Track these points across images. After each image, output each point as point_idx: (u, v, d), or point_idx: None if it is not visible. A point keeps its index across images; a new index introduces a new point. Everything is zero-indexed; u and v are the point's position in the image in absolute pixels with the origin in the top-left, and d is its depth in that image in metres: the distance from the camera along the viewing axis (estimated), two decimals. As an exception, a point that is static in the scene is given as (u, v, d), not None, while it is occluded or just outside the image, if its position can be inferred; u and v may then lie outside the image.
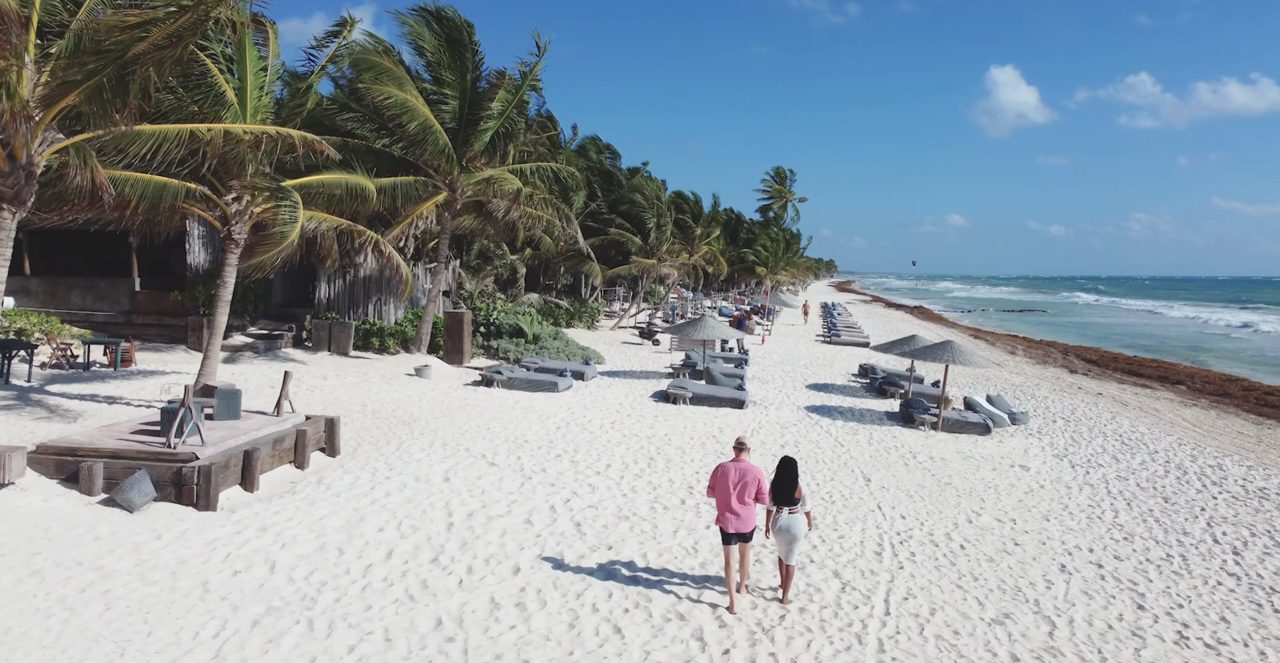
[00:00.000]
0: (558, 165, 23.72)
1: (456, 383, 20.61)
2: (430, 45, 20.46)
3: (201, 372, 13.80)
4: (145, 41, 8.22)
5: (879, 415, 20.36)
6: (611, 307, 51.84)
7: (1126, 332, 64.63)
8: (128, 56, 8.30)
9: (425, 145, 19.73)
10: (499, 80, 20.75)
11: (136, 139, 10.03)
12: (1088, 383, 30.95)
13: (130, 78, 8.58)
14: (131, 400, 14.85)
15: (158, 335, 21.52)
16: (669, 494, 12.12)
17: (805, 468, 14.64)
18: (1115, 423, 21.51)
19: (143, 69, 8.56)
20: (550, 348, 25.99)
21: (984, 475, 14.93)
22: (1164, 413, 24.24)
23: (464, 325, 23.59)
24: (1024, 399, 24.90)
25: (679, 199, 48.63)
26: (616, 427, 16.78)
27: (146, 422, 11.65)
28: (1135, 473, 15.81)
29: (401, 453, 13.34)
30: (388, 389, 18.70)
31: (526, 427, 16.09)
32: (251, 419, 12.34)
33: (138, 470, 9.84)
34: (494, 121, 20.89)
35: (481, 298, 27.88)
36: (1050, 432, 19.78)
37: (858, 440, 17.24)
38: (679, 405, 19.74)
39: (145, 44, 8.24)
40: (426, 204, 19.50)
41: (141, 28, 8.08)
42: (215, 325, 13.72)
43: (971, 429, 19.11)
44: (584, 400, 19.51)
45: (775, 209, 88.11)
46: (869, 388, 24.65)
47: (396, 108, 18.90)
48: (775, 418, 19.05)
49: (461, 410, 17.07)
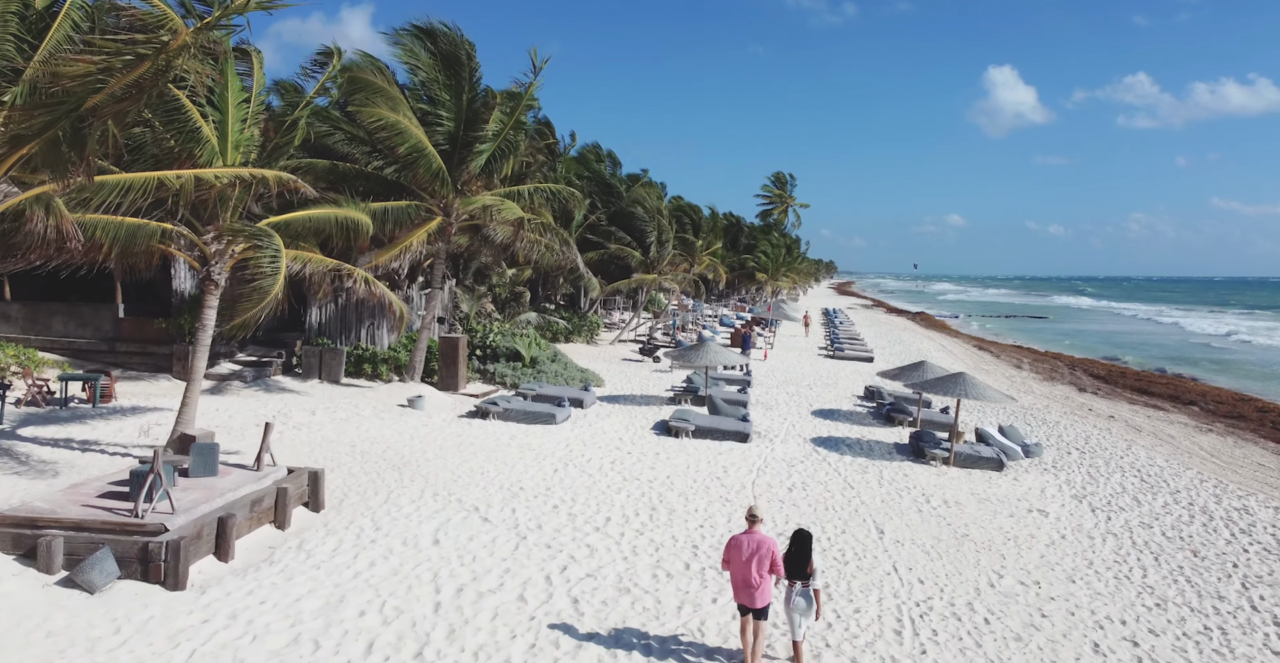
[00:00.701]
0: (557, 186, 23.01)
1: (451, 415, 19.90)
2: (425, 64, 19.75)
3: (179, 418, 13.09)
4: (103, 92, 7.52)
5: (888, 449, 19.65)
6: (611, 317, 51.18)
7: (1115, 342, 64.61)
8: (84, 108, 7.61)
9: (418, 168, 19.03)
10: (495, 100, 20.04)
11: (100, 190, 9.33)
12: (1098, 403, 30.26)
13: (88, 130, 7.89)
14: (107, 447, 14.14)
15: (142, 364, 20.81)
16: (672, 556, 11.41)
17: (815, 515, 13.96)
18: (1131, 454, 20.82)
19: (101, 121, 7.88)
20: (548, 372, 25.28)
21: (1001, 524, 14.23)
22: (1179, 441, 23.55)
23: (459, 351, 22.87)
24: (1035, 424, 24.21)
25: (679, 211, 47.92)
26: (616, 467, 16.07)
27: (115, 481, 10.94)
28: (1159, 518, 15.11)
29: (389, 506, 12.63)
30: (378, 425, 17.99)
31: (522, 469, 15.38)
32: (230, 475, 11.63)
33: (101, 547, 9.14)
34: (490, 143, 20.18)
35: (478, 318, 27.17)
36: (1066, 465, 19.08)
37: (867, 480, 16.54)
38: (681, 439, 19.03)
39: (103, 95, 7.55)
40: (419, 232, 18.80)
41: (97, 78, 7.38)
42: (193, 369, 13.01)
43: (985, 464, 18.42)
44: (582, 434, 18.79)
45: (776, 214, 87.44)
46: (876, 415, 23.95)
47: (388, 130, 18.20)
48: (781, 453, 18.34)
49: (454, 450, 16.36)
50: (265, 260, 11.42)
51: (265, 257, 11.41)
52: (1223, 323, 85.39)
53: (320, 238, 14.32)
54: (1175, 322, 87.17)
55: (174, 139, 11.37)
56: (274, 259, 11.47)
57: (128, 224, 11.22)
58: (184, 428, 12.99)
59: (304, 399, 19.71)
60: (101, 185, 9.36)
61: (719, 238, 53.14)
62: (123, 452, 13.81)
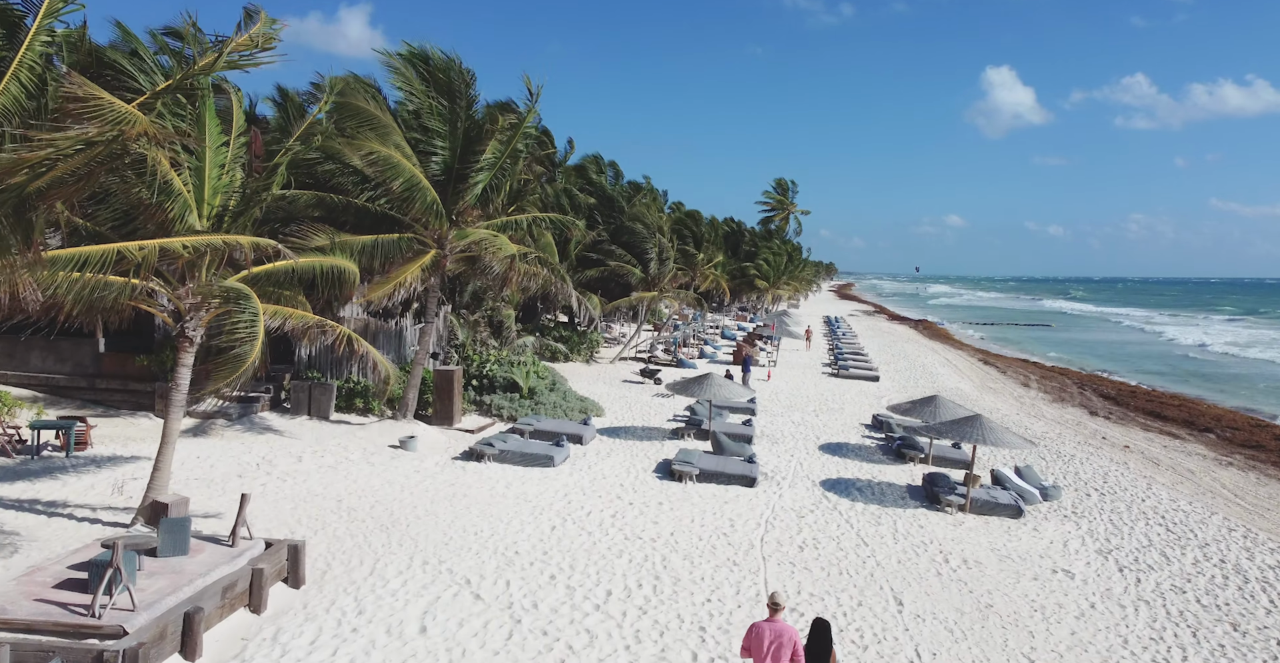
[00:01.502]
0: (555, 216, 22.19)
1: (445, 456, 19.06)
2: (419, 92, 18.92)
3: (152, 482, 12.26)
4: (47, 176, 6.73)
5: (900, 492, 18.83)
6: (612, 329, 50.33)
7: (1105, 354, 64.69)
8: (28, 192, 6.81)
9: (413, 203, 18.19)
10: (492, 127, 19.19)
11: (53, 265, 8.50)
12: (1111, 430, 29.47)
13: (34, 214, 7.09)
14: (76, 510, 13.31)
15: (123, 401, 19.99)
16: (678, 643, 10.57)
17: (828, 581, 13.14)
18: (1152, 495, 20.02)
19: (48, 204, 7.08)
20: (547, 402, 24.45)
21: (1026, 589, 13.41)
22: (1200, 477, 22.75)
23: (454, 384, 22.04)
24: (1051, 459, 23.41)
25: (680, 224, 47.07)
26: (617, 522, 15.24)
27: (76, 564, 10.09)
28: (1191, 580, 14.30)
29: (375, 579, 11.80)
30: (368, 472, 17.14)
31: (518, 526, 14.55)
32: (202, 553, 10.80)
33: (53, 658, 8.30)
34: (487, 173, 19.34)
35: (474, 346, 26.34)
36: (1086, 510, 18.28)
37: (881, 534, 15.72)
38: (685, 484, 18.20)
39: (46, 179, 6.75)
40: (412, 267, 17.97)
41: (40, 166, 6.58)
42: (167, 430, 12.18)
43: (1002, 511, 17.61)
44: (581, 480, 17.95)
45: (777, 221, 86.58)
46: (886, 450, 23.12)
47: (380, 165, 17.38)
48: (790, 500, 17.51)
49: (447, 503, 15.52)
50: (242, 326, 10.59)
51: (242, 322, 10.58)
52: (1206, 332, 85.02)
53: (305, 285, 13.49)
54: (1159, 331, 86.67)
55: (143, 190, 10.54)
56: (251, 324, 10.62)
57: (92, 281, 10.38)
58: (156, 494, 12.16)
59: (290, 442, 18.86)
60: (54, 260, 8.53)
61: (720, 251, 52.28)
62: (92, 517, 12.97)
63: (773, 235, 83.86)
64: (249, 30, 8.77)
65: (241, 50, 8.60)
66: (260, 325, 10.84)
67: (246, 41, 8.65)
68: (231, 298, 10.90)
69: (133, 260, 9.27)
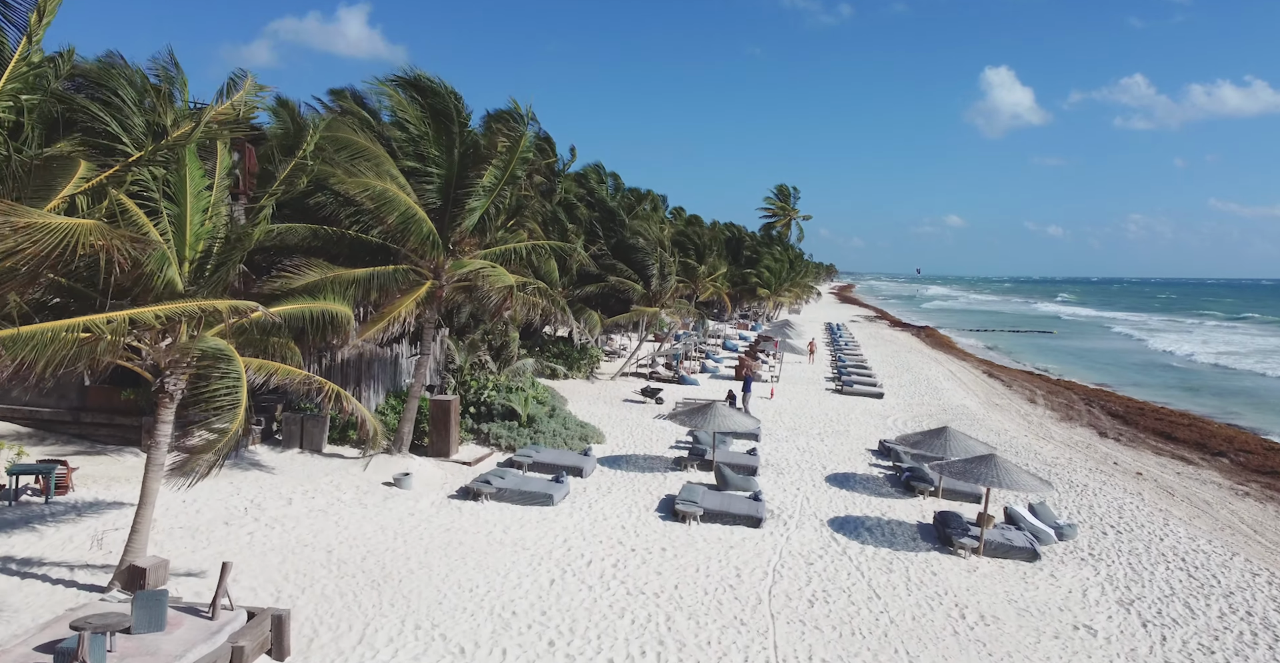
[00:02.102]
0: (556, 243, 21.58)
1: (440, 494, 18.45)
2: (413, 118, 18.31)
3: (130, 544, 11.65)
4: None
5: (911, 532, 18.22)
6: (612, 341, 49.69)
7: (1104, 362, 65.00)
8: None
9: (408, 235, 17.59)
10: (489, 148, 18.58)
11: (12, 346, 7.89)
12: (1122, 454, 28.87)
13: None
14: (51, 569, 12.69)
15: (109, 436, 19.37)
16: (685, 726, 9.97)
17: (841, 644, 12.54)
18: (1170, 532, 19.42)
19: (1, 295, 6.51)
20: (546, 430, 23.83)
21: (1047, 650, 12.81)
22: (1216, 509, 22.15)
23: (450, 415, 21.44)
24: (1063, 489, 22.82)
25: (682, 235, 46.42)
26: (619, 573, 14.62)
27: (42, 645, 9.47)
28: (1219, 638, 13.70)
29: (364, 648, 11.20)
30: (360, 516, 16.52)
31: (515, 580, 13.93)
32: (180, 628, 10.19)
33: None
34: (483, 200, 18.73)
35: (473, 370, 25.73)
36: (1104, 551, 17.69)
37: (893, 584, 15.11)
38: (688, 525, 17.58)
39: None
40: (407, 301, 17.34)
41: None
42: (146, 492, 11.56)
43: (1017, 555, 17.01)
44: (581, 522, 17.32)
45: (778, 227, 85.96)
46: (894, 482, 22.50)
47: (375, 200, 16.78)
48: (797, 543, 16.90)
49: (441, 553, 14.89)
50: (222, 394, 9.97)
51: (222, 389, 9.96)
52: (1205, 342, 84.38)
53: (294, 332, 12.89)
54: (1151, 339, 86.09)
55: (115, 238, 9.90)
56: (233, 390, 10.00)
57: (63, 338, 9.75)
58: (134, 557, 11.54)
59: (280, 480, 18.25)
60: (13, 340, 7.93)
61: (723, 263, 51.65)
62: (68, 579, 12.36)
63: (774, 242, 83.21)
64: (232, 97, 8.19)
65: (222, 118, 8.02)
66: (243, 390, 10.22)
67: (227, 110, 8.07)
68: (211, 359, 10.28)
69: (99, 335, 8.67)
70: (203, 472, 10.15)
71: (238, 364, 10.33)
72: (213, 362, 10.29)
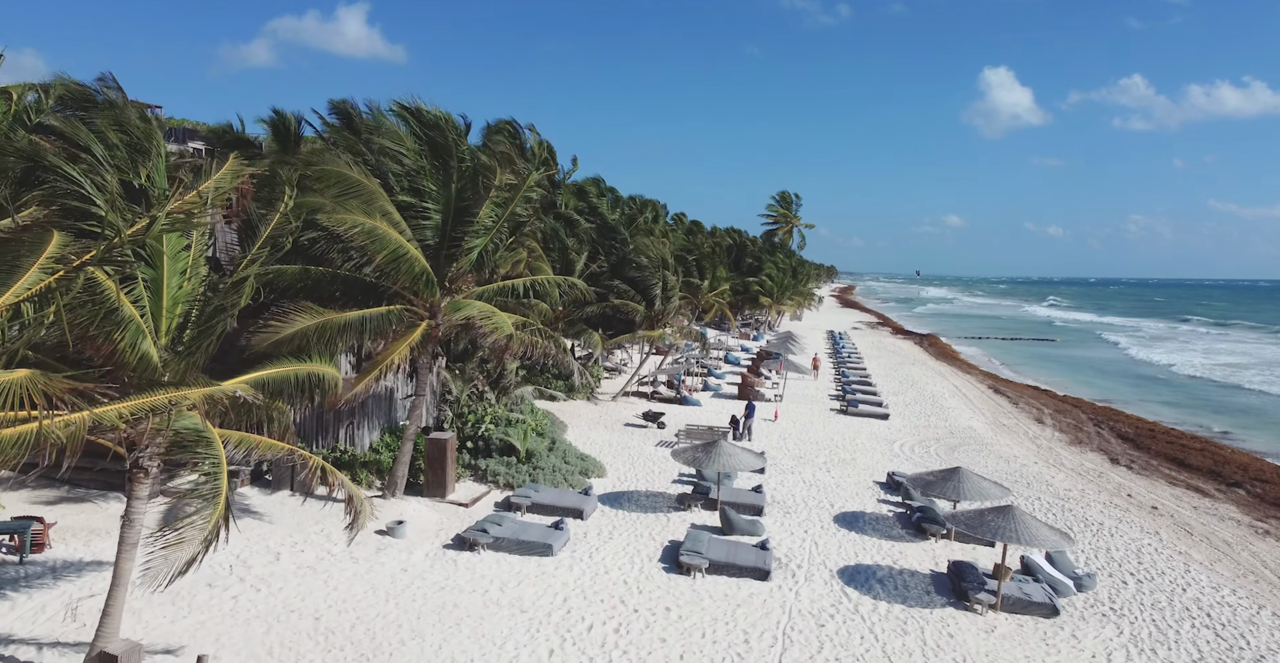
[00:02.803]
0: (558, 277, 20.88)
1: (436, 543, 17.74)
2: (410, 150, 17.61)
3: (100, 630, 10.93)
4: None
5: (924, 584, 17.52)
6: (613, 356, 48.98)
7: (1103, 371, 64.93)
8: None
9: (399, 272, 16.89)
10: (489, 185, 17.85)
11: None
12: (1135, 484, 28.18)
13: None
14: (20, 647, 11.99)
15: (91, 481, 18.68)
16: None
17: (856, 728, 11.85)
18: (1192, 580, 18.74)
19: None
20: (545, 466, 23.12)
21: (1074, 732, 12.13)
22: (1237, 550, 21.46)
23: (447, 453, 20.75)
24: (1078, 528, 22.14)
25: (684, 251, 45.69)
26: (621, 641, 13.91)
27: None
28: (1253, 715, 13.03)
29: (352, 742, 10.51)
30: (351, 572, 15.82)
31: (513, 651, 13.23)
32: (152, 730, 9.49)
33: None
34: (482, 238, 18.03)
35: (470, 401, 25.03)
36: (1124, 605, 17.01)
37: (909, 649, 14.42)
38: (693, 579, 16.88)
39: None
40: (400, 346, 16.63)
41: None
42: (119, 572, 10.84)
43: (1036, 611, 16.33)
44: (582, 577, 16.60)
45: (780, 234, 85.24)
46: (904, 521, 21.79)
47: (363, 237, 16.07)
48: (807, 601, 16.18)
49: (435, 618, 14.18)
50: (203, 481, 9.27)
51: (201, 475, 9.26)
52: (1205, 354, 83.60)
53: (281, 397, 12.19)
54: (1126, 351, 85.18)
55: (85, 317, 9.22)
56: (211, 478, 9.30)
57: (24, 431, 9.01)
58: (104, 643, 10.84)
59: (269, 530, 17.54)
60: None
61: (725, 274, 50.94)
62: (36, 660, 11.65)
63: (776, 249, 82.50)
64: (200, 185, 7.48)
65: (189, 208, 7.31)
66: (223, 478, 9.51)
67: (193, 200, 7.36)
68: (191, 443, 9.59)
69: (55, 443, 7.98)
70: (177, 572, 9.43)
71: (217, 448, 9.63)
72: (190, 444, 9.58)
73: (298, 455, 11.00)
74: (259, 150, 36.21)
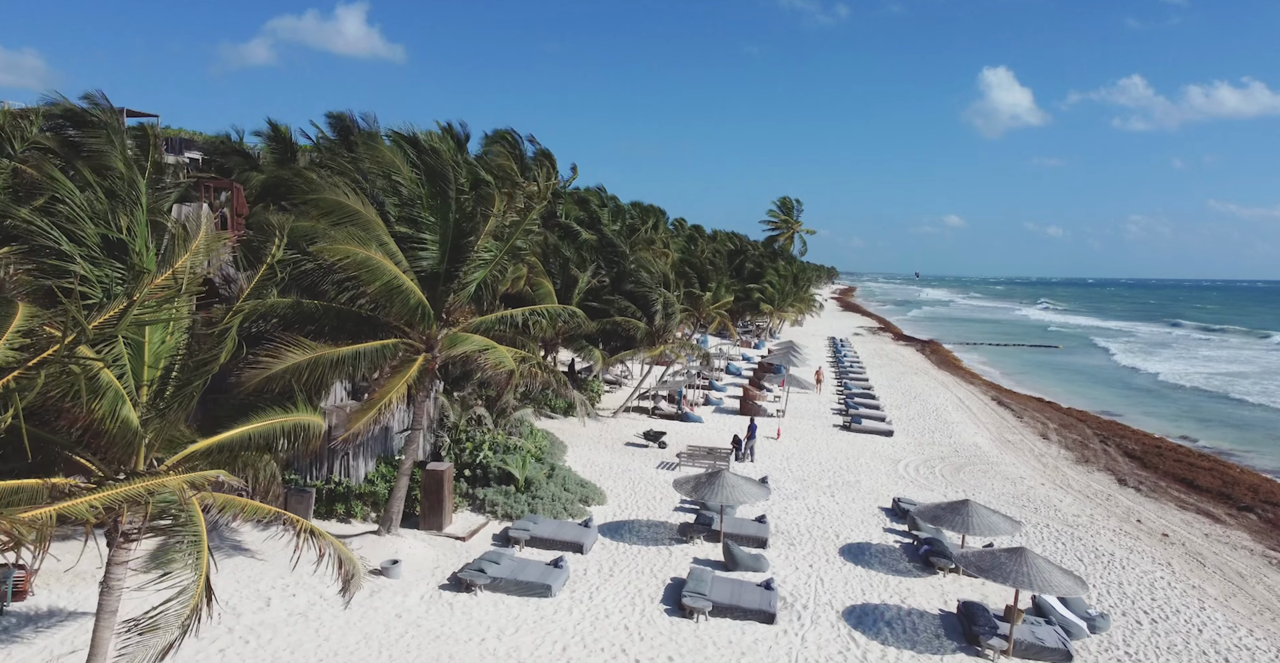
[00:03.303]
0: (558, 307, 20.39)
1: (431, 584, 17.26)
2: (407, 179, 17.12)
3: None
4: None
5: (934, 626, 17.05)
6: (612, 370, 48.48)
7: (1103, 380, 65.14)
8: None
9: (393, 305, 16.41)
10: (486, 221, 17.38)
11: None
12: (1145, 508, 27.71)
13: None
14: (-2, 712, 11.53)
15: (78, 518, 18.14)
16: None
17: None
18: (1208, 619, 18.29)
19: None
20: (545, 495, 22.64)
21: None
22: (1252, 584, 21.00)
23: (444, 485, 20.28)
24: (1088, 559, 21.70)
25: (685, 263, 45.20)
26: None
27: None
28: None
29: None
30: (344, 620, 15.34)
31: (511, 709, 12.78)
32: None
33: None
34: (481, 271, 17.56)
35: (467, 427, 24.54)
36: (1139, 648, 16.57)
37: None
38: (696, 622, 16.40)
39: None
40: (397, 383, 16.14)
41: None
42: (96, 643, 10.38)
43: (1049, 656, 15.90)
44: (581, 622, 16.11)
45: (782, 241, 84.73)
46: (911, 553, 21.30)
47: (356, 268, 15.60)
48: (814, 649, 15.71)
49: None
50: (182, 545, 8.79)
51: (179, 540, 8.79)
52: (1206, 363, 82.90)
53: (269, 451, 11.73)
54: (1113, 358, 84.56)
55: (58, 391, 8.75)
56: (192, 549, 8.85)
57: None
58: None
59: (260, 569, 17.06)
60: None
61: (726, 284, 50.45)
62: (14, 729, 11.21)
63: (778, 255, 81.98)
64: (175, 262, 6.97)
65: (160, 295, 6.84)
66: (203, 550, 9.06)
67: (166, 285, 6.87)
68: (167, 511, 9.13)
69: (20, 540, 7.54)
70: (156, 659, 8.94)
71: (197, 518, 9.15)
72: (169, 523, 9.11)
73: (284, 517, 10.51)
74: (256, 162, 35.77)
